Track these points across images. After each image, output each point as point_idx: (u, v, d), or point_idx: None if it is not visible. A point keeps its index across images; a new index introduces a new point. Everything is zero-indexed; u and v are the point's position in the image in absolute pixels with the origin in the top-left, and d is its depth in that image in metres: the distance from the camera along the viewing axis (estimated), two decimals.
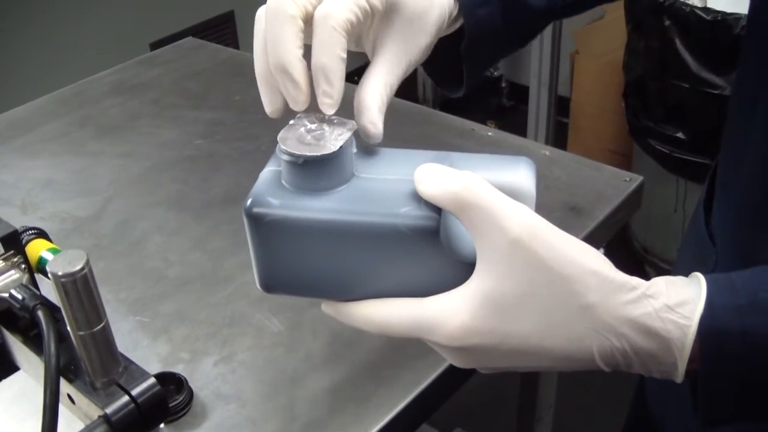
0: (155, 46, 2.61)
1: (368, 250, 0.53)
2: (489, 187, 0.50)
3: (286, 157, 0.53)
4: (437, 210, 0.51)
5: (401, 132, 1.33)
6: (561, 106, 2.95)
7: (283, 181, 0.54)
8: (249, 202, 0.53)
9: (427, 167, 0.51)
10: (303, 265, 0.55)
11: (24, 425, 0.87)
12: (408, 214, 0.51)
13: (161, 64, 1.67)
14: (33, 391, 0.89)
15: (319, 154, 0.52)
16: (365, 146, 0.57)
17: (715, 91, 2.07)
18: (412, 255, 0.52)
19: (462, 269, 0.52)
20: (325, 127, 0.55)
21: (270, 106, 0.58)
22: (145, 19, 2.78)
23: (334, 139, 0.54)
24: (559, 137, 2.99)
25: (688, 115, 2.18)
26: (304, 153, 0.52)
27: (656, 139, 2.29)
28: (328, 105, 0.55)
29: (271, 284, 0.57)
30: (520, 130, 2.90)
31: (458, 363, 0.54)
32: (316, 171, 0.53)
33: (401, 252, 0.52)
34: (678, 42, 2.12)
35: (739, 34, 1.97)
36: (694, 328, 0.49)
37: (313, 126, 0.55)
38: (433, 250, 0.52)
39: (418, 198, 0.51)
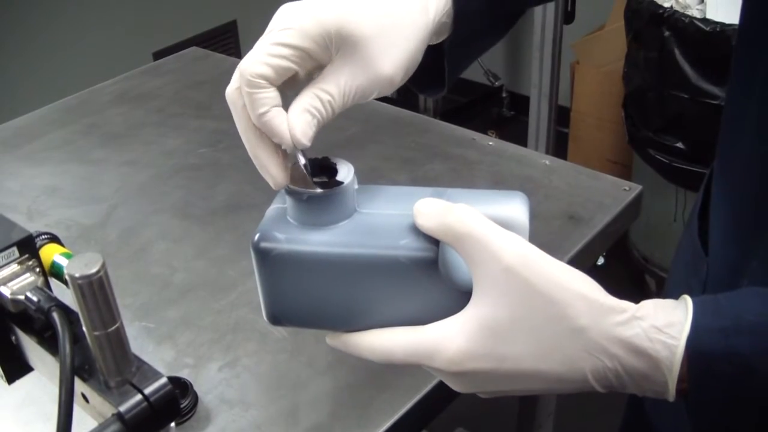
0: (158, 55, 2.63)
1: (370, 281, 0.55)
2: (483, 219, 0.52)
3: (291, 194, 0.55)
4: (435, 242, 0.53)
5: (403, 142, 1.35)
6: (561, 116, 2.96)
7: (288, 217, 0.56)
8: (256, 237, 0.56)
9: (424, 202, 0.54)
10: (308, 297, 0.57)
11: (30, 430, 0.88)
12: (407, 246, 0.54)
13: (165, 73, 1.69)
14: (39, 396, 0.90)
15: (322, 190, 0.54)
16: (366, 184, 0.59)
17: (714, 102, 2.09)
18: (412, 285, 0.55)
19: (459, 298, 0.54)
20: (328, 165, 0.57)
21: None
22: (148, 28, 2.80)
23: (337, 176, 0.56)
24: (559, 147, 3.00)
25: (687, 125, 2.20)
26: (308, 190, 0.54)
27: (656, 149, 2.30)
28: (287, 146, 0.56)
29: (277, 316, 0.59)
30: (521, 139, 2.91)
31: (458, 388, 0.56)
32: (320, 207, 0.55)
33: (402, 282, 0.55)
34: (677, 53, 2.14)
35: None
36: (682, 348, 0.50)
37: (316, 164, 0.57)
38: (432, 279, 0.54)
39: (416, 231, 0.54)
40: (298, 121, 0.55)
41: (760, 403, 0.51)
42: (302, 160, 0.56)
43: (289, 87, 0.57)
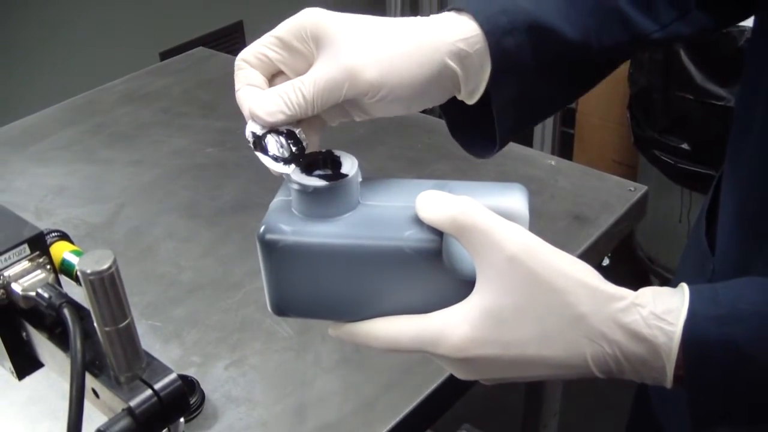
0: (165, 55, 2.63)
1: (375, 272, 0.56)
2: (485, 210, 0.53)
3: (296, 187, 0.56)
4: (438, 233, 0.54)
5: (409, 142, 1.35)
6: (566, 116, 2.96)
7: (293, 210, 0.57)
8: (262, 229, 0.56)
9: (427, 194, 0.54)
10: (313, 288, 0.58)
11: (37, 427, 0.88)
12: (412, 237, 0.54)
13: (172, 73, 1.70)
14: (46, 394, 0.90)
15: (327, 183, 0.55)
16: (369, 176, 0.60)
17: (719, 103, 2.09)
18: (416, 275, 0.55)
19: (463, 287, 0.55)
20: (333, 158, 0.58)
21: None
22: (154, 28, 2.80)
23: (341, 169, 0.56)
24: (564, 148, 3.00)
25: (693, 126, 2.20)
26: (313, 183, 0.55)
27: (661, 149, 2.30)
28: (247, 118, 0.59)
29: (283, 308, 0.60)
30: (526, 140, 2.90)
31: (462, 375, 0.57)
32: (324, 199, 0.56)
33: (406, 273, 0.55)
34: (682, 54, 2.14)
35: (743, 46, 1.98)
36: (679, 333, 0.51)
37: (320, 158, 0.58)
38: (436, 270, 0.55)
39: (420, 222, 0.54)
40: (260, 96, 0.58)
41: (754, 389, 0.53)
42: (251, 130, 0.57)
43: None
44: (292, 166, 0.57)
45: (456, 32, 0.59)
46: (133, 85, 1.65)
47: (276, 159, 0.57)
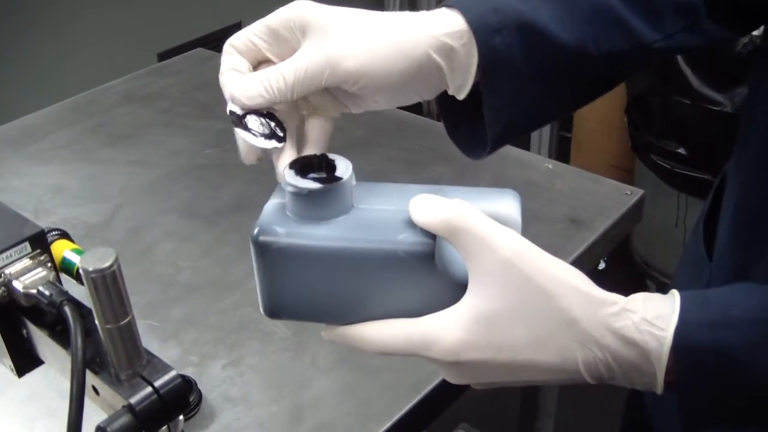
0: (163, 56, 2.63)
1: (368, 275, 0.56)
2: (479, 214, 0.54)
3: (290, 189, 0.56)
4: (431, 236, 0.55)
5: (407, 144, 1.36)
6: (564, 120, 2.96)
7: (287, 212, 0.58)
8: (256, 231, 0.57)
9: (421, 197, 0.55)
10: (306, 290, 0.58)
11: (35, 426, 0.89)
12: (405, 240, 0.55)
13: (171, 74, 1.70)
14: (45, 392, 0.91)
15: (321, 186, 0.55)
16: (363, 180, 0.60)
17: (717, 108, 2.09)
18: (409, 278, 0.56)
19: (455, 290, 0.55)
20: (327, 161, 0.59)
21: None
22: (153, 29, 2.81)
23: (336, 172, 0.57)
24: (562, 152, 3.01)
25: (690, 131, 2.20)
26: (307, 185, 0.55)
27: (658, 154, 2.31)
28: (227, 99, 0.60)
29: (275, 310, 0.60)
30: (524, 143, 2.90)
31: (454, 379, 0.57)
32: (318, 202, 0.56)
33: (399, 276, 0.56)
34: (680, 58, 2.14)
35: (740, 51, 1.99)
36: (670, 339, 0.52)
37: (315, 161, 0.59)
38: (429, 273, 0.55)
39: (413, 226, 0.55)
40: (241, 80, 0.59)
41: (746, 395, 0.53)
42: (230, 109, 0.59)
43: None
44: (273, 141, 0.58)
45: (443, 26, 0.59)
46: (133, 85, 1.66)
47: (256, 135, 0.58)
